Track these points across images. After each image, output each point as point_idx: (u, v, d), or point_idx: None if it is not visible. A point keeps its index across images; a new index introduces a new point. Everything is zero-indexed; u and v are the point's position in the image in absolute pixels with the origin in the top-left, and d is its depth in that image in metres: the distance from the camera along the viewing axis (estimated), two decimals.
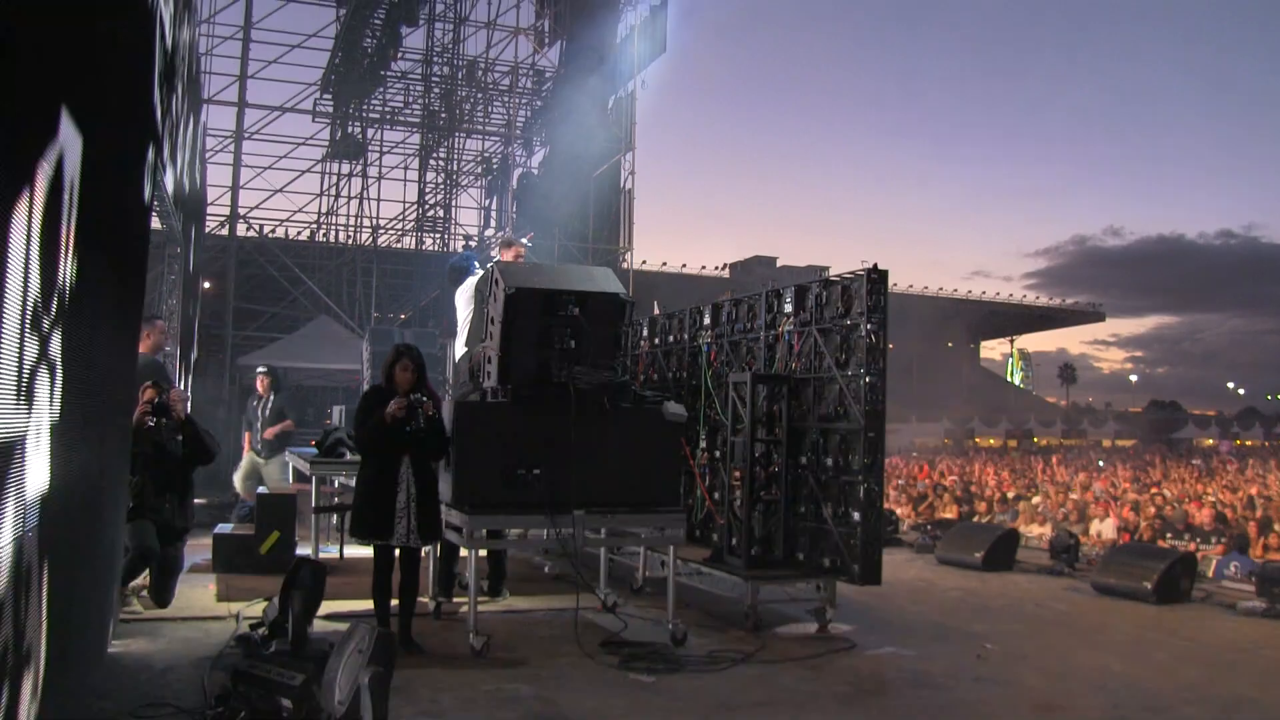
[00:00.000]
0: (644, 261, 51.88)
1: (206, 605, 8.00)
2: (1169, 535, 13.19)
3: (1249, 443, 63.22)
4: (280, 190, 25.67)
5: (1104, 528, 14.48)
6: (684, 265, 64.17)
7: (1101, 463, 32.40)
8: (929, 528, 14.18)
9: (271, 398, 12.66)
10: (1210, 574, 11.11)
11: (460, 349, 8.96)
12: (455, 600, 8.16)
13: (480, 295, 7.86)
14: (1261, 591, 9.53)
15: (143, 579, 7.64)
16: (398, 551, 6.96)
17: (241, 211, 24.65)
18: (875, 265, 7.64)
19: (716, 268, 67.30)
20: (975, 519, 16.41)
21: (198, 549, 9.63)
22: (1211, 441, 61.38)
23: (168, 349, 9.42)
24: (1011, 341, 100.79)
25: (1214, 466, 30.98)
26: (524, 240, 9.50)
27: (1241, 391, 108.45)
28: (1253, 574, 10.13)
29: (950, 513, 16.87)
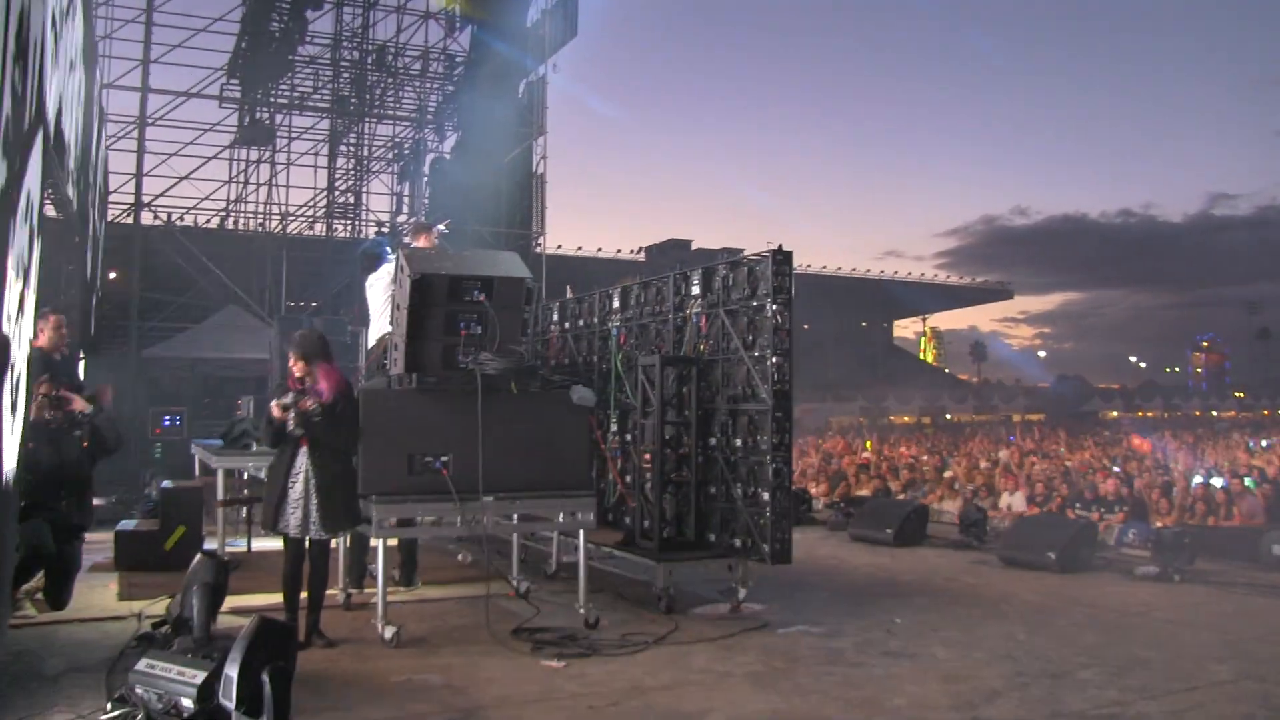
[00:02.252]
0: (559, 246, 51.70)
1: (106, 605, 7.79)
2: (1077, 505, 13.51)
3: (1149, 414, 65.14)
4: (186, 178, 24.95)
5: (1014, 500, 14.78)
6: (599, 249, 63.99)
7: (1013, 438, 33.09)
8: (842, 505, 14.35)
9: None
10: (1112, 542, 11.43)
11: (374, 337, 8.84)
12: (366, 590, 8.06)
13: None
14: (1156, 557, 9.86)
15: (37, 581, 7.40)
16: (308, 543, 6.87)
17: (146, 199, 24.01)
18: (780, 246, 7.68)
19: (632, 251, 67.28)
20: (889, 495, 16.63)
21: (99, 547, 9.41)
22: (1115, 414, 63.08)
23: (65, 351, 9.01)
24: (924, 320, 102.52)
25: (1119, 438, 31.81)
26: (440, 226, 9.41)
27: (1143, 365, 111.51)
28: (1149, 540, 10.44)
29: (866, 490, 17.08)
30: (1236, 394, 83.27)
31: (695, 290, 8.55)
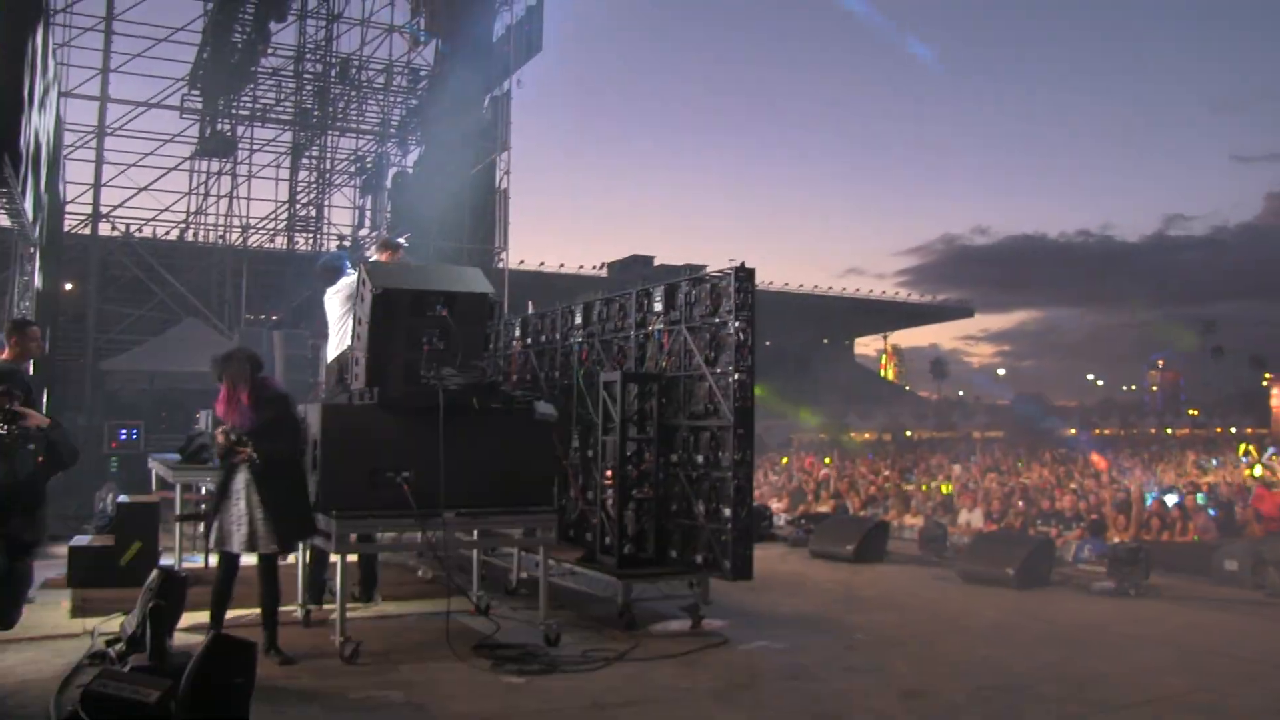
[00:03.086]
0: (521, 261, 51.64)
1: (58, 623, 7.66)
2: (1038, 522, 13.64)
3: (1107, 431, 65.83)
4: (145, 188, 24.83)
5: (973, 517, 14.89)
6: (561, 265, 63.95)
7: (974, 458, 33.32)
8: (803, 521, 14.38)
9: None
10: (1070, 558, 11.54)
11: (333, 350, 8.79)
12: (326, 606, 7.98)
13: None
14: (1112, 572, 9.97)
15: None
16: (256, 559, 6.85)
17: (104, 210, 23.79)
18: (743, 264, 7.70)
19: (595, 267, 67.26)
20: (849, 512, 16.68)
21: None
22: (1073, 431, 63.67)
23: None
24: (885, 338, 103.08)
25: (1075, 455, 32.12)
26: (400, 240, 9.39)
27: (1100, 383, 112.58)
28: (1104, 556, 10.56)
29: (826, 506, 17.14)
30: (1191, 411, 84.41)
31: (658, 307, 8.56)
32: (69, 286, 23.26)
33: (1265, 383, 76.96)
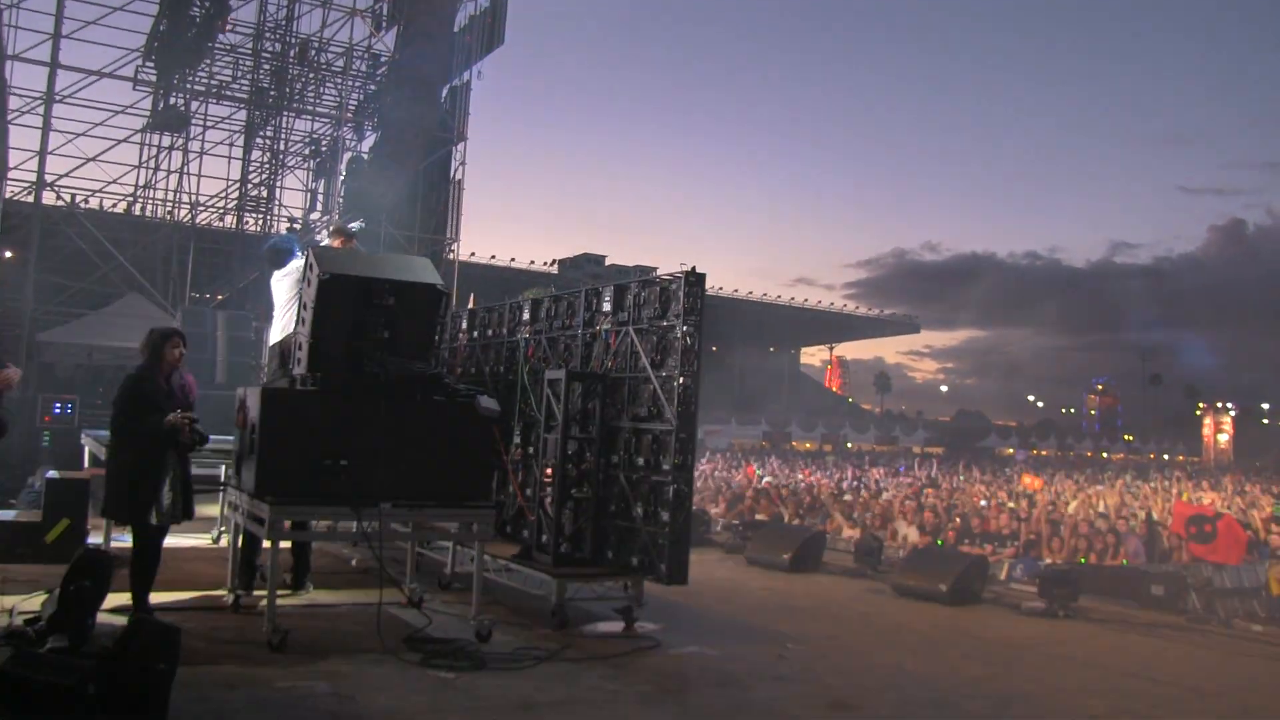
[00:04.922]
0: (472, 254, 51.57)
1: None
2: (968, 540, 13.76)
3: (1044, 452, 66.93)
4: (94, 159, 24.27)
5: (909, 532, 15.00)
6: (512, 259, 63.86)
7: (902, 468, 33.69)
8: (740, 528, 14.43)
9: None
10: (1003, 576, 11.68)
11: (277, 334, 8.70)
12: (255, 593, 7.89)
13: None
14: (1042, 592, 10.11)
15: None
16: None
17: (49, 179, 23.27)
18: (694, 268, 7.70)
19: (545, 263, 67.28)
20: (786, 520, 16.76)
21: None
22: (1011, 451, 64.62)
23: None
24: (831, 349, 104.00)
25: (1010, 474, 32.59)
26: (353, 227, 9.32)
27: (1040, 404, 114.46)
28: (1036, 577, 10.70)
29: (763, 514, 17.19)
30: (1126, 437, 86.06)
31: (607, 307, 8.54)
32: (9, 254, 22.78)
33: (1199, 411, 78.64)
